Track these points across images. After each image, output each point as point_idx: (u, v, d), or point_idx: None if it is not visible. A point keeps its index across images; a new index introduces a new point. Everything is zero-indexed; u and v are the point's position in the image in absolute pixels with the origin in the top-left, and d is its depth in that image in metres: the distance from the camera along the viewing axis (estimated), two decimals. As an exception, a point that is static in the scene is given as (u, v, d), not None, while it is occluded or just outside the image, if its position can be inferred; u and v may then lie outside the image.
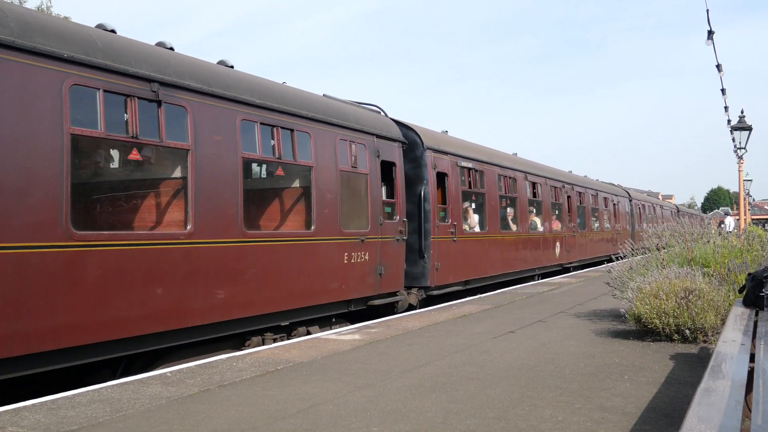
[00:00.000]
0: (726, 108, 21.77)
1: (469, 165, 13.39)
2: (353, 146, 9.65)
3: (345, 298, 9.43)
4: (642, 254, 10.20)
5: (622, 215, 27.39)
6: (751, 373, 3.43)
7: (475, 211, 14.03)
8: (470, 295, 13.10)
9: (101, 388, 5.52)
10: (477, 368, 6.07)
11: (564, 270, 20.01)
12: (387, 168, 10.76)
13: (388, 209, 10.73)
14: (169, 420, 4.57)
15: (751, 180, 42.04)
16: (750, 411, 2.91)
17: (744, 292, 6.00)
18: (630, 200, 29.21)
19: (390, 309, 10.76)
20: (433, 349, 7.10)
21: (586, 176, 25.48)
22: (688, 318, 7.00)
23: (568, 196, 20.46)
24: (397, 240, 10.65)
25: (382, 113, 11.69)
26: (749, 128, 19.47)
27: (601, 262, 22.89)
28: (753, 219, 49.75)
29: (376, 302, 10.15)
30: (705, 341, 7.12)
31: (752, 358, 3.80)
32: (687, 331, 7.06)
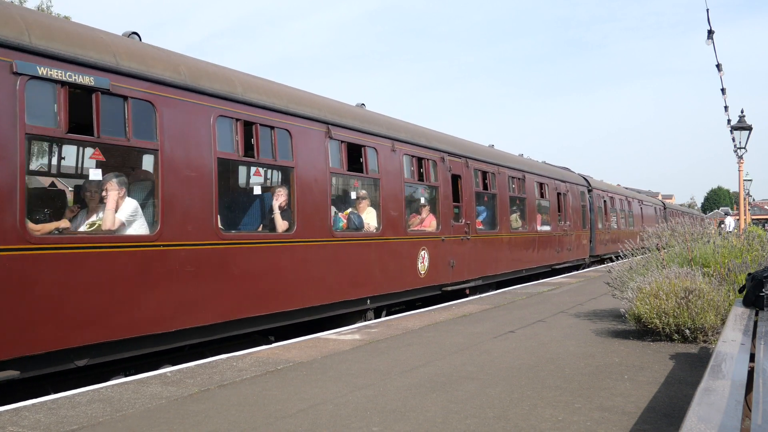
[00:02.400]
0: (726, 108, 21.81)
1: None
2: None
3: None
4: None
5: (573, 209, 20.77)
6: (751, 373, 3.42)
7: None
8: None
9: (101, 388, 5.52)
10: (477, 368, 6.07)
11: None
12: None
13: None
14: (169, 420, 4.57)
15: (751, 180, 42.03)
16: (750, 411, 2.91)
17: (744, 292, 5.99)
18: (589, 190, 23.11)
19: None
20: (433, 348, 7.10)
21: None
22: (688, 318, 7.00)
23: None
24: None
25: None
26: (749, 128, 19.48)
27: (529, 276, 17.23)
28: (753, 219, 49.76)
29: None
30: (705, 341, 7.12)
31: (752, 358, 3.80)
32: (687, 331, 7.06)
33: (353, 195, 10.50)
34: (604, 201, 25.17)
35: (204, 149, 7.07)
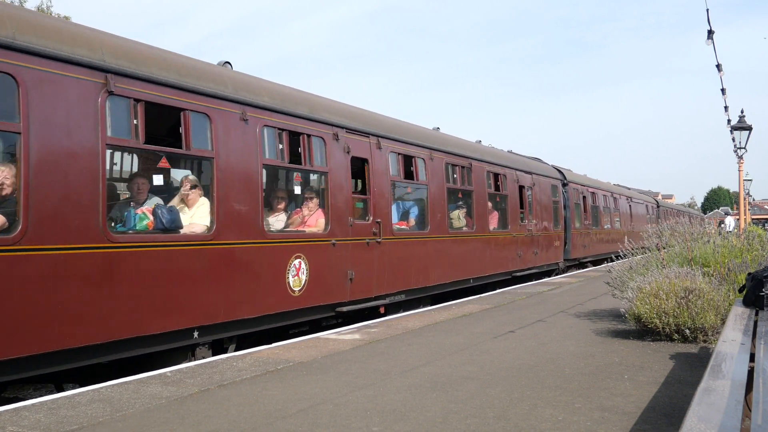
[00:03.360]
0: (726, 108, 21.81)
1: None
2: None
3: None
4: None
5: (541, 206, 17.75)
6: (751, 373, 3.43)
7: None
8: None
9: (101, 388, 5.52)
10: (477, 368, 6.07)
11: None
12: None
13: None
14: (169, 420, 4.57)
15: (751, 180, 42.05)
16: (750, 410, 2.91)
17: (744, 292, 6.00)
18: (564, 184, 20.06)
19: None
20: (433, 348, 7.10)
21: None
22: (688, 318, 7.00)
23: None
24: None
25: None
26: (749, 128, 19.48)
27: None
28: (753, 219, 49.73)
29: None
30: (705, 341, 7.12)
31: (752, 358, 3.80)
32: (687, 331, 7.06)
33: (163, 181, 7.37)
34: (583, 197, 21.90)
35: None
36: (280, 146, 8.34)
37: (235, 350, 7.53)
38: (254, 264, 7.65)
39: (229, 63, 8.26)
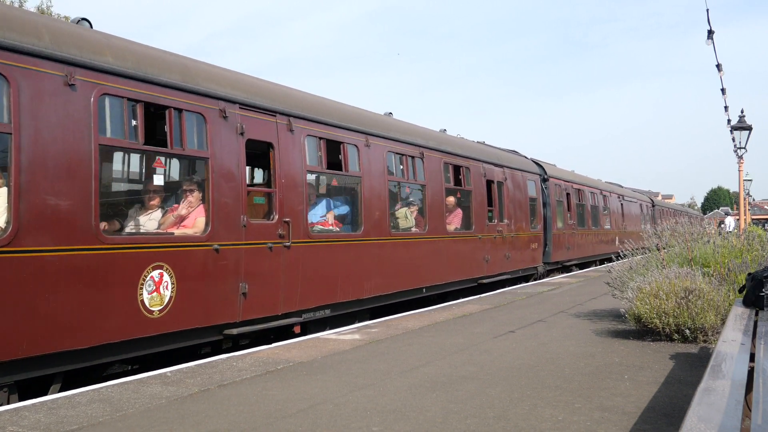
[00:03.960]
0: (726, 108, 21.79)
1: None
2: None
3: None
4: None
5: (515, 204, 15.68)
6: (751, 373, 3.42)
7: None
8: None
9: (101, 388, 5.52)
10: (477, 368, 6.07)
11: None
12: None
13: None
14: (169, 420, 4.57)
15: (751, 180, 42.00)
16: (750, 410, 2.91)
17: (744, 292, 5.99)
18: (544, 180, 18.08)
19: None
20: (433, 348, 7.10)
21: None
22: (688, 318, 7.00)
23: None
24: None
25: None
26: (749, 128, 19.47)
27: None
28: (753, 219, 49.76)
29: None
30: (705, 341, 7.12)
31: (752, 358, 3.80)
32: (687, 331, 7.06)
33: None
34: (567, 194, 19.79)
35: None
36: (133, 123, 6.46)
37: (68, 389, 5.71)
38: (84, 278, 5.77)
39: (86, 20, 6.68)
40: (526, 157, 18.26)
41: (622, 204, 27.22)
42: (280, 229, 7.99)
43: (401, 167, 11.07)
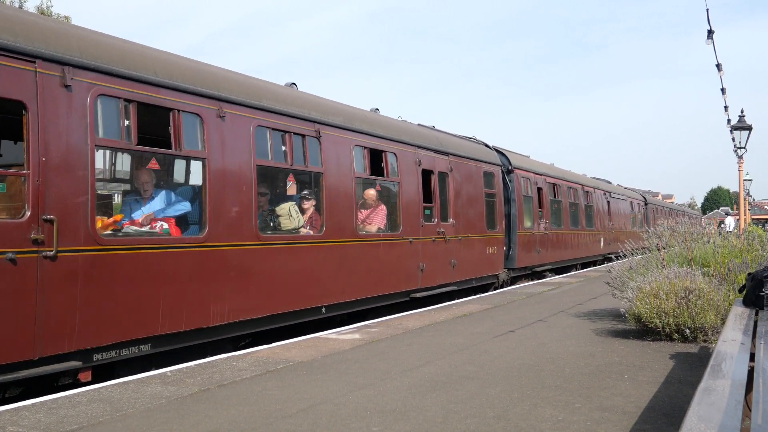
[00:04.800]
0: (726, 108, 21.78)
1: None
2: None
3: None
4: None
5: (467, 199, 13.11)
6: (751, 373, 3.42)
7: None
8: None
9: (101, 388, 5.52)
10: (477, 368, 6.07)
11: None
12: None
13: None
14: (169, 419, 4.57)
15: (751, 180, 42.02)
16: (750, 410, 2.91)
17: (744, 292, 6.00)
18: (508, 172, 15.51)
19: None
20: (433, 348, 7.10)
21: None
22: (688, 318, 7.00)
23: None
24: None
25: None
26: (749, 128, 19.47)
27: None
28: (753, 219, 49.75)
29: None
30: (705, 341, 7.12)
31: (752, 358, 3.80)
32: (687, 331, 7.06)
33: None
34: (539, 189, 17.26)
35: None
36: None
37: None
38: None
39: None
40: (486, 145, 15.39)
41: (608, 201, 24.77)
42: (31, 230, 5.38)
43: (283, 148, 8.33)
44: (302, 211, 8.85)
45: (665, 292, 7.15)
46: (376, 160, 10.39)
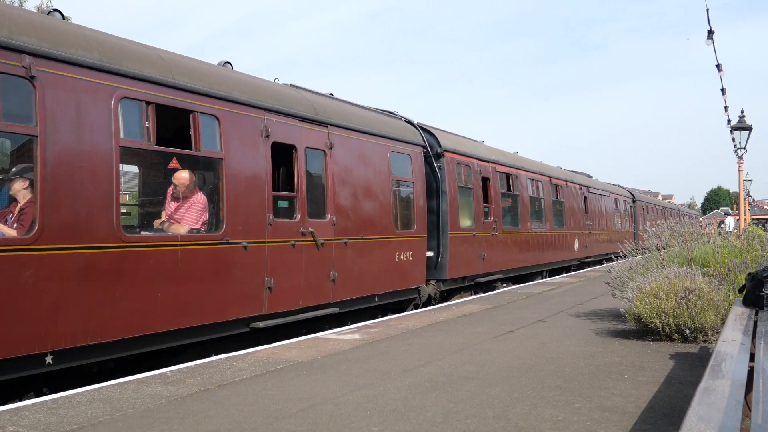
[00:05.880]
0: (726, 108, 21.78)
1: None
2: None
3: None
4: None
5: (360, 190, 9.90)
6: (751, 373, 3.43)
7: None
8: None
9: (101, 388, 5.52)
10: (477, 368, 6.07)
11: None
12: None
13: None
14: (169, 419, 4.57)
15: (751, 180, 42.06)
16: (750, 410, 2.91)
17: (744, 292, 6.00)
18: (437, 156, 12.18)
19: None
20: (433, 348, 7.10)
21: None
22: (688, 318, 7.00)
23: None
24: None
25: None
26: (749, 128, 19.48)
27: None
28: (753, 219, 49.71)
29: None
30: (705, 341, 7.12)
31: (752, 358, 3.80)
32: (687, 331, 7.06)
33: None
34: (484, 180, 13.96)
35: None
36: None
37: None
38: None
39: None
40: (401, 119, 11.97)
41: (586, 197, 21.75)
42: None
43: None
44: None
45: (665, 292, 7.15)
46: (174, 122, 7.33)
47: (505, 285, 15.02)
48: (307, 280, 8.65)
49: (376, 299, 10.34)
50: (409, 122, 12.18)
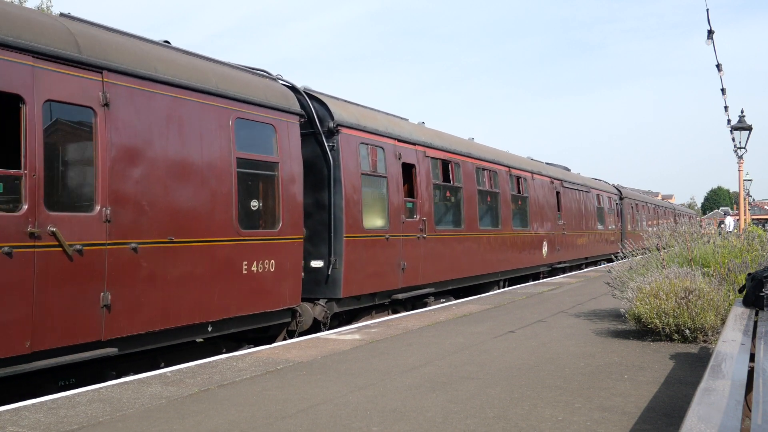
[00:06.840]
0: (726, 108, 21.80)
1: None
2: None
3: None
4: None
5: (172, 171, 6.73)
6: (751, 373, 3.43)
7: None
8: None
9: (101, 388, 5.52)
10: (477, 368, 6.07)
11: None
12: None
13: None
14: (169, 419, 4.58)
15: (751, 180, 42.07)
16: (750, 410, 2.91)
17: (744, 292, 6.00)
18: (329, 133, 9.32)
19: None
20: (433, 348, 7.10)
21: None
22: (688, 318, 7.00)
23: None
24: None
25: None
26: (749, 128, 19.49)
27: None
28: (753, 219, 49.73)
29: None
30: (705, 341, 7.12)
31: (752, 358, 3.80)
32: (687, 331, 7.06)
33: None
34: (407, 165, 11.10)
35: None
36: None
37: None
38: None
39: None
40: (280, 81, 9.16)
41: (559, 193, 18.79)
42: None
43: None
44: None
45: (665, 292, 7.15)
46: None
47: (443, 300, 12.40)
48: (48, 311, 5.52)
49: (210, 329, 7.29)
50: (292, 87, 9.27)
